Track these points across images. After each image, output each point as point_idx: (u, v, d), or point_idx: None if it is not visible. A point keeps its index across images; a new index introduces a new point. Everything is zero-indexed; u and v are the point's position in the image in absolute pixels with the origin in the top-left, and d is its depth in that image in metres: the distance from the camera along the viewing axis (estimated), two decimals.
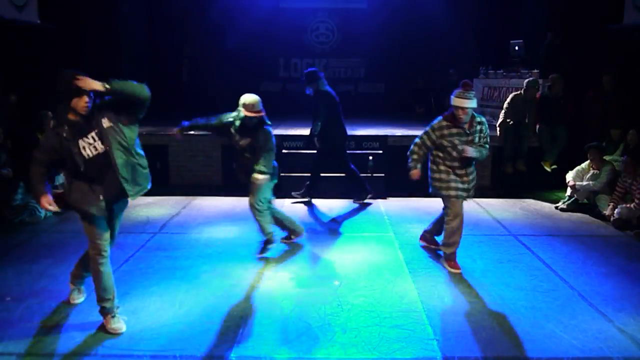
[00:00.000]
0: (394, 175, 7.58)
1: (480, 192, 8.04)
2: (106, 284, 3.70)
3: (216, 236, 5.94)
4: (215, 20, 11.72)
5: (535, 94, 8.14)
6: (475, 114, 4.87)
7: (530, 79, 8.27)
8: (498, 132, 8.37)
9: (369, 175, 7.76)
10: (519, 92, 8.25)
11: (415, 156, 4.97)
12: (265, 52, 12.03)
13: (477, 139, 4.83)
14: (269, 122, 5.05)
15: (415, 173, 4.95)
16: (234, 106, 5.10)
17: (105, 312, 3.74)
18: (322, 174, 7.55)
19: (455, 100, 4.71)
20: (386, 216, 6.77)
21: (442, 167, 4.89)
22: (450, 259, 5.00)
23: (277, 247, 5.46)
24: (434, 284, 4.65)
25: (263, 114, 4.97)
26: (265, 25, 11.95)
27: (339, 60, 13.13)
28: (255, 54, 11.67)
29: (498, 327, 3.83)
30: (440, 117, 4.89)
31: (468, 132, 4.79)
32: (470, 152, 4.74)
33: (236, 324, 3.88)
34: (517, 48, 10.24)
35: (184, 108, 11.17)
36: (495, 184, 8.48)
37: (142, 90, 3.54)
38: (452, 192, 4.86)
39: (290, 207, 7.19)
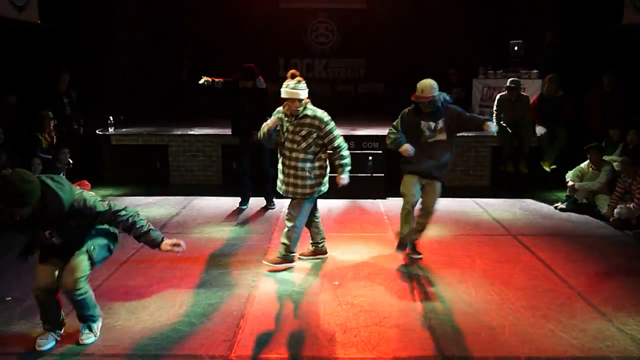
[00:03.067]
0: (393, 175, 7.58)
1: (480, 192, 8.09)
2: None
3: (216, 236, 5.94)
4: (215, 20, 11.72)
5: (517, 94, 8.11)
6: (311, 108, 4.78)
7: (511, 79, 8.25)
8: (495, 134, 8.40)
9: (369, 175, 7.77)
10: (503, 92, 8.27)
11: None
12: (265, 52, 12.03)
13: (303, 133, 4.69)
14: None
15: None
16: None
17: None
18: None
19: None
20: (386, 216, 6.78)
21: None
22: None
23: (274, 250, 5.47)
24: (433, 283, 4.66)
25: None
26: (264, 25, 11.96)
27: (338, 61, 13.12)
28: (255, 54, 11.66)
29: (497, 327, 3.84)
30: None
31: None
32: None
33: (236, 323, 3.88)
34: (516, 48, 10.24)
35: (183, 108, 11.20)
36: (494, 184, 8.49)
37: None
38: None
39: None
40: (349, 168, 4.84)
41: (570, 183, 7.06)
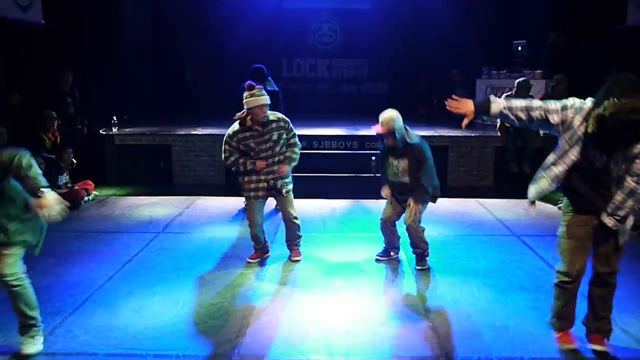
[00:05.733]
0: None
1: (483, 192, 8.08)
2: None
3: (219, 236, 5.94)
4: (218, 20, 11.74)
5: (526, 94, 8.12)
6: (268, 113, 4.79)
7: (521, 79, 8.26)
8: (499, 134, 8.40)
9: (372, 175, 7.77)
10: (510, 92, 8.27)
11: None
12: (268, 53, 12.04)
13: (275, 137, 4.80)
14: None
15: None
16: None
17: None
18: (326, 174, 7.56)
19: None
20: None
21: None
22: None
23: (278, 250, 5.48)
24: (435, 283, 4.66)
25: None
26: (268, 25, 11.97)
27: (342, 61, 13.13)
28: (258, 55, 11.68)
29: (500, 327, 3.83)
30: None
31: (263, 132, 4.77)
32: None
33: (238, 323, 3.88)
34: (520, 48, 10.24)
35: (186, 108, 11.22)
36: (497, 185, 8.49)
37: None
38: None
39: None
40: (295, 163, 4.97)
41: None
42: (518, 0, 11.26)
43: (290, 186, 5.02)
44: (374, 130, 4.74)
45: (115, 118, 8.93)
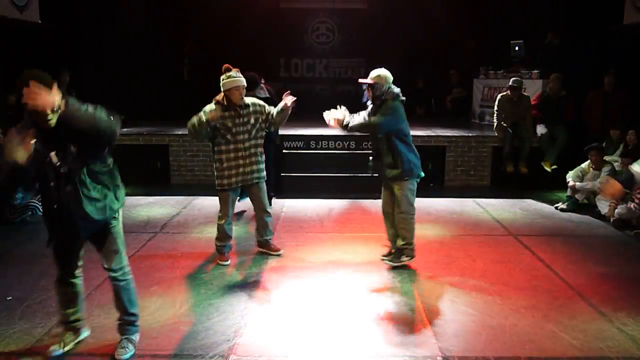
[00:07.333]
0: None
1: (480, 192, 8.09)
2: None
3: None
4: (216, 20, 11.73)
5: (519, 93, 8.15)
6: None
7: (514, 79, 8.27)
8: (496, 134, 8.41)
9: (370, 174, 7.76)
10: (505, 92, 8.28)
11: None
12: (266, 52, 12.05)
13: (252, 120, 4.92)
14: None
15: None
16: None
17: None
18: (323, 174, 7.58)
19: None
20: None
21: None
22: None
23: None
24: (434, 284, 4.66)
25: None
26: (265, 25, 11.96)
27: (339, 61, 13.13)
28: (256, 54, 11.68)
29: (498, 327, 3.84)
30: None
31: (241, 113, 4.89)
32: None
33: (237, 323, 3.88)
34: (517, 48, 10.26)
35: (184, 108, 11.19)
36: (494, 184, 8.50)
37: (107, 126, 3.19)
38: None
39: (290, 206, 7.20)
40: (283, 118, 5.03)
41: (570, 183, 7.06)
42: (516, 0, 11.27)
43: (264, 173, 5.09)
44: (360, 81, 4.85)
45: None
